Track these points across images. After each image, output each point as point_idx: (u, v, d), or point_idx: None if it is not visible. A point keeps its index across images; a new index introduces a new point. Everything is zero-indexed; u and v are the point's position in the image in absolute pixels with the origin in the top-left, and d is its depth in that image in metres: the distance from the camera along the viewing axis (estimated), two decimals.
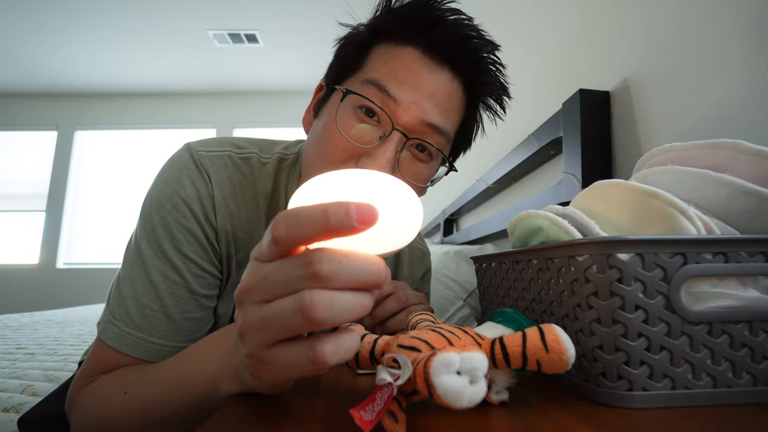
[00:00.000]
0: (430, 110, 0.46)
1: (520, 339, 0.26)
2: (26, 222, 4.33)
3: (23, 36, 3.46)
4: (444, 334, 0.28)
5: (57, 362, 1.13)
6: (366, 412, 0.22)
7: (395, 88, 0.45)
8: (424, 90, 0.46)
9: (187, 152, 0.52)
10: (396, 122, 0.46)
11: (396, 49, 0.48)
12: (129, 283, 0.47)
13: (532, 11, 1.18)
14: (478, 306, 1.05)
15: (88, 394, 0.44)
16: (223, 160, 0.53)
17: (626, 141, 0.74)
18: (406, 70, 0.46)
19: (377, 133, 0.46)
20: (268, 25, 3.34)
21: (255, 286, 0.26)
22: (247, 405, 0.30)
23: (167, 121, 4.46)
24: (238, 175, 0.54)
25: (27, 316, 2.11)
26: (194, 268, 0.49)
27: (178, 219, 0.49)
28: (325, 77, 0.54)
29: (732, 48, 0.54)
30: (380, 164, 0.44)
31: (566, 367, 0.25)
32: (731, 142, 0.37)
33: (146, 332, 0.46)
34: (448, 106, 0.48)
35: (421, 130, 0.47)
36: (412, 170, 0.49)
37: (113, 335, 0.46)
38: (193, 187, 0.50)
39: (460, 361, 0.22)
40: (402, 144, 0.46)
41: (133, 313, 0.46)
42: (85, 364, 0.47)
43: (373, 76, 0.46)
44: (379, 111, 0.46)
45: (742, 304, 0.30)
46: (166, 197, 0.49)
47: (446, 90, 0.48)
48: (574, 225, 0.35)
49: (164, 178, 0.51)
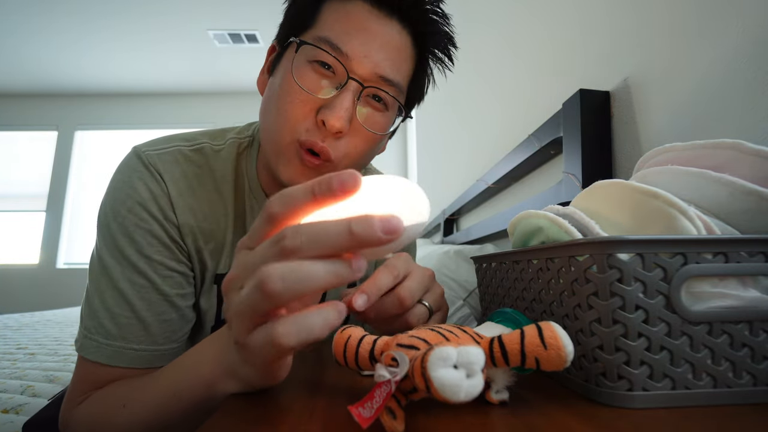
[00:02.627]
0: (381, 62, 0.48)
1: (519, 336, 0.26)
2: (26, 222, 4.33)
3: (24, 37, 3.46)
4: (443, 333, 0.28)
5: (57, 362, 1.13)
6: (364, 409, 0.22)
7: (347, 44, 0.46)
8: (374, 43, 0.47)
9: (135, 155, 0.52)
10: (351, 74, 0.47)
11: (345, 3, 0.48)
12: (97, 295, 0.47)
13: (532, 11, 1.18)
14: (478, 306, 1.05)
15: (84, 410, 0.44)
16: (173, 156, 0.53)
17: (626, 141, 0.74)
18: (356, 24, 0.47)
19: (333, 84, 0.47)
20: (268, 25, 3.34)
21: (237, 274, 0.27)
22: (247, 405, 0.30)
23: (167, 121, 4.46)
24: (192, 168, 0.54)
25: (27, 316, 2.11)
26: (161, 269, 0.49)
27: (136, 222, 0.48)
28: (277, 37, 0.54)
29: (732, 48, 0.54)
30: (339, 113, 0.45)
31: (565, 364, 0.25)
32: (731, 142, 0.37)
33: (124, 340, 0.46)
34: (398, 58, 0.50)
35: (375, 81, 0.48)
36: (368, 120, 0.50)
37: (92, 349, 0.46)
38: (146, 188, 0.50)
39: (457, 355, 0.22)
40: (359, 93, 0.47)
41: (107, 323, 0.46)
42: (71, 384, 0.47)
43: (325, 34, 0.47)
44: (334, 62, 0.47)
45: (742, 304, 0.30)
46: (120, 203, 0.49)
47: (395, 42, 0.49)
48: (574, 225, 0.35)
49: (115, 185, 0.51)
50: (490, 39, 1.46)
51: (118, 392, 0.43)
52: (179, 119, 4.46)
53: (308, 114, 0.47)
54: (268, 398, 0.31)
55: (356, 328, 0.33)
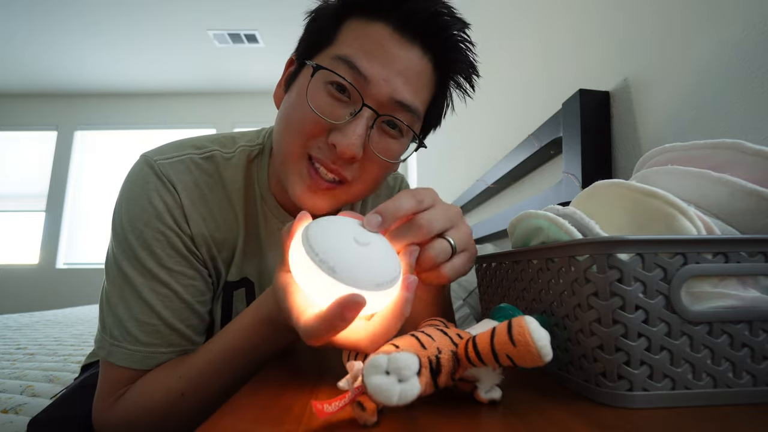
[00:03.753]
0: (400, 87, 0.47)
1: (489, 335, 0.26)
2: (26, 222, 4.33)
3: (24, 37, 3.46)
4: (419, 337, 0.29)
5: (57, 362, 1.13)
6: (330, 405, 0.23)
7: (366, 64, 0.45)
8: (394, 67, 0.46)
9: (147, 165, 0.52)
10: (366, 99, 0.46)
11: (367, 25, 0.47)
12: (122, 305, 0.48)
13: (532, 11, 1.18)
14: (478, 306, 1.05)
15: (122, 407, 0.46)
16: (185, 164, 0.53)
17: (626, 141, 0.74)
18: (377, 46, 0.46)
19: (348, 109, 0.46)
20: (268, 25, 3.34)
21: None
22: (247, 405, 0.30)
23: (167, 121, 4.46)
24: (204, 177, 0.54)
25: (27, 316, 2.11)
26: (182, 279, 0.50)
27: (154, 236, 0.49)
28: (296, 51, 0.53)
29: (733, 48, 0.54)
30: (351, 140, 0.45)
31: (541, 360, 0.25)
32: (731, 142, 0.37)
33: (153, 346, 0.48)
34: (417, 84, 0.48)
35: (391, 107, 0.47)
36: (382, 146, 0.49)
37: (121, 356, 0.47)
38: (161, 200, 0.50)
39: (388, 362, 0.23)
40: (372, 120, 0.47)
41: (135, 332, 0.47)
42: (100, 387, 0.48)
43: (344, 52, 0.46)
44: (350, 87, 0.46)
45: (742, 304, 0.30)
46: (137, 217, 0.49)
47: (416, 67, 0.48)
48: (574, 225, 0.35)
49: (130, 196, 0.50)
50: (491, 39, 1.46)
51: (165, 383, 0.46)
52: (179, 119, 4.46)
53: (320, 134, 0.47)
54: (269, 398, 0.31)
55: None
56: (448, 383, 0.28)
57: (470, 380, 0.29)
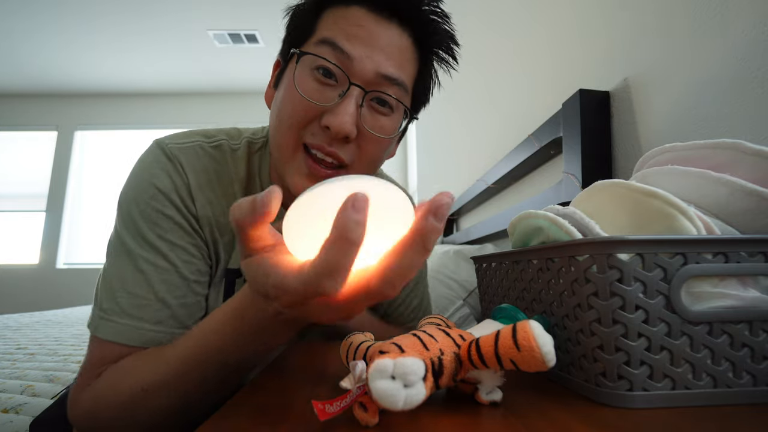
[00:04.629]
0: (384, 62, 0.48)
1: (493, 339, 0.26)
2: (26, 222, 4.33)
3: (24, 36, 3.46)
4: (421, 337, 0.29)
5: (57, 362, 1.13)
6: (331, 406, 0.23)
7: (347, 44, 0.47)
8: (375, 44, 0.48)
9: (157, 147, 0.53)
10: (352, 77, 0.47)
11: (344, 9, 0.49)
12: (117, 276, 0.47)
13: (532, 11, 1.18)
14: (478, 306, 1.05)
15: (92, 390, 0.44)
16: (194, 150, 0.54)
17: (626, 141, 0.74)
18: (357, 27, 0.48)
19: (336, 91, 0.47)
20: (268, 25, 3.34)
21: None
22: (247, 405, 0.30)
23: (167, 121, 4.46)
24: (212, 163, 0.55)
25: (27, 316, 2.11)
26: (182, 253, 0.50)
27: (158, 208, 0.49)
28: (280, 53, 0.55)
29: (733, 48, 0.54)
30: (342, 119, 0.45)
31: (545, 365, 0.24)
32: (731, 142, 0.37)
33: (141, 320, 0.46)
34: (400, 58, 0.50)
35: (378, 82, 0.48)
36: (374, 124, 0.50)
37: (108, 329, 0.46)
38: (169, 178, 0.51)
39: (394, 367, 0.23)
40: (361, 98, 0.47)
41: (125, 304, 0.46)
42: (83, 366, 0.47)
43: (325, 35, 0.48)
44: (335, 69, 0.47)
45: (742, 304, 0.30)
46: (142, 190, 0.50)
47: (397, 43, 0.49)
48: (574, 225, 0.35)
49: (137, 173, 0.51)
50: (490, 39, 1.46)
51: (132, 374, 0.43)
52: (179, 119, 4.46)
53: (312, 119, 0.47)
54: (269, 398, 0.31)
55: (359, 335, 0.34)
56: (449, 384, 0.28)
57: (472, 382, 0.29)
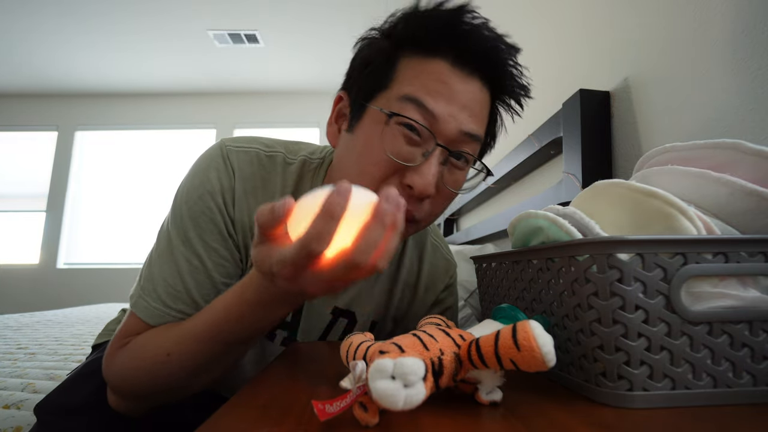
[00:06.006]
0: (466, 120, 0.48)
1: (493, 339, 0.26)
2: (26, 222, 4.32)
3: (23, 36, 3.46)
4: (421, 337, 0.28)
5: (57, 362, 1.13)
6: (331, 406, 0.23)
7: (432, 102, 0.46)
8: (458, 101, 0.48)
9: (219, 147, 0.57)
10: (437, 136, 0.47)
11: (425, 62, 0.48)
12: (159, 264, 0.52)
13: (532, 11, 1.18)
14: (479, 306, 1.05)
15: (128, 354, 0.49)
16: (249, 156, 0.57)
17: (626, 141, 0.74)
18: (439, 83, 0.47)
19: (420, 149, 0.48)
20: (268, 25, 3.34)
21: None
22: (248, 405, 0.30)
23: (167, 121, 4.45)
24: (262, 172, 0.57)
25: (27, 316, 2.11)
26: (214, 256, 0.53)
27: (203, 209, 0.53)
28: (347, 90, 0.54)
29: (733, 48, 0.54)
30: (427, 180, 0.46)
31: (545, 365, 0.24)
32: (731, 143, 0.37)
33: (171, 309, 0.51)
34: (481, 114, 0.50)
35: (461, 140, 0.49)
36: (451, 179, 0.51)
37: (143, 308, 0.50)
38: (218, 179, 0.54)
39: (393, 367, 0.24)
40: (444, 157, 0.49)
41: (161, 291, 0.51)
42: (118, 331, 0.52)
43: (408, 91, 0.47)
44: (421, 129, 0.47)
45: (742, 304, 0.30)
46: (194, 189, 0.54)
47: (478, 98, 0.50)
48: (574, 225, 0.35)
49: (195, 171, 0.55)
50: None
51: (157, 341, 0.48)
52: (179, 119, 4.45)
53: (392, 174, 0.48)
54: (268, 398, 0.31)
55: (359, 335, 0.34)
56: (449, 384, 0.28)
57: (472, 382, 0.29)
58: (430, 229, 0.73)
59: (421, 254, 0.69)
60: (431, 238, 0.71)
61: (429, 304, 0.68)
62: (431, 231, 0.72)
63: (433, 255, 0.70)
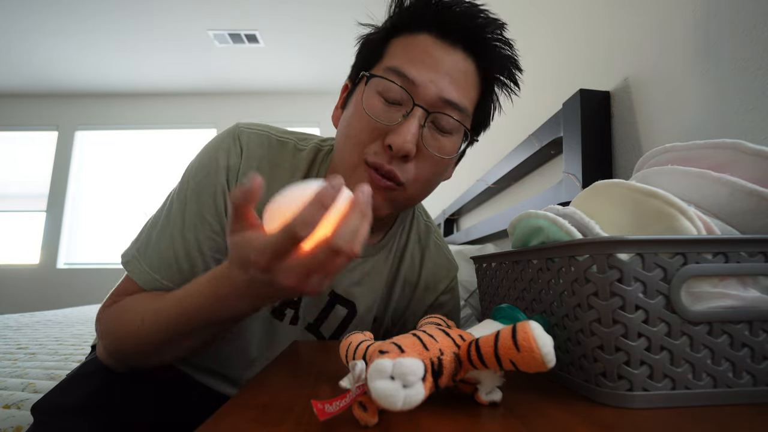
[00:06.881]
0: (447, 87, 0.50)
1: (493, 339, 0.26)
2: (26, 222, 4.32)
3: (23, 36, 3.46)
4: (421, 337, 0.28)
5: (58, 362, 1.13)
6: (330, 405, 0.23)
7: (413, 71, 0.50)
8: (440, 69, 0.50)
9: (233, 127, 0.59)
10: (416, 100, 0.50)
11: (411, 37, 0.52)
12: (156, 230, 0.55)
13: (532, 11, 1.18)
14: (479, 306, 1.05)
15: (113, 312, 0.52)
16: (261, 139, 0.58)
17: (626, 141, 0.74)
18: (422, 53, 0.51)
19: (401, 112, 0.50)
20: (268, 25, 3.34)
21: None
22: (248, 405, 0.30)
23: (167, 121, 4.45)
24: (272, 156, 0.58)
25: (27, 316, 2.11)
26: (207, 230, 0.54)
27: (206, 186, 0.55)
28: (350, 77, 0.58)
29: (733, 48, 0.54)
30: (405, 138, 0.48)
31: (545, 366, 0.24)
32: (731, 143, 0.37)
33: (160, 275, 0.53)
34: (464, 83, 0.52)
35: (440, 105, 0.50)
36: (434, 144, 0.52)
37: (134, 270, 0.53)
38: (226, 158, 0.56)
39: (393, 367, 0.24)
40: (424, 118, 0.50)
41: (153, 256, 0.53)
42: (114, 289, 0.55)
43: (393, 63, 0.51)
44: (401, 92, 0.50)
45: (742, 304, 0.30)
46: (203, 166, 0.56)
47: (460, 68, 0.52)
48: (574, 225, 0.35)
49: (208, 147, 0.57)
50: None
51: (137, 307, 0.50)
52: (179, 119, 4.45)
53: (376, 138, 0.51)
54: (268, 398, 0.31)
55: (358, 334, 0.34)
56: (449, 384, 0.28)
57: (471, 382, 0.29)
58: (434, 230, 0.73)
59: (423, 252, 0.69)
60: (434, 238, 0.71)
61: (428, 305, 0.68)
62: (434, 231, 0.73)
63: (436, 254, 0.70)
